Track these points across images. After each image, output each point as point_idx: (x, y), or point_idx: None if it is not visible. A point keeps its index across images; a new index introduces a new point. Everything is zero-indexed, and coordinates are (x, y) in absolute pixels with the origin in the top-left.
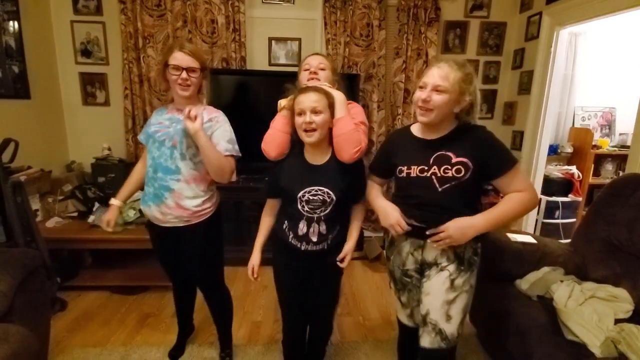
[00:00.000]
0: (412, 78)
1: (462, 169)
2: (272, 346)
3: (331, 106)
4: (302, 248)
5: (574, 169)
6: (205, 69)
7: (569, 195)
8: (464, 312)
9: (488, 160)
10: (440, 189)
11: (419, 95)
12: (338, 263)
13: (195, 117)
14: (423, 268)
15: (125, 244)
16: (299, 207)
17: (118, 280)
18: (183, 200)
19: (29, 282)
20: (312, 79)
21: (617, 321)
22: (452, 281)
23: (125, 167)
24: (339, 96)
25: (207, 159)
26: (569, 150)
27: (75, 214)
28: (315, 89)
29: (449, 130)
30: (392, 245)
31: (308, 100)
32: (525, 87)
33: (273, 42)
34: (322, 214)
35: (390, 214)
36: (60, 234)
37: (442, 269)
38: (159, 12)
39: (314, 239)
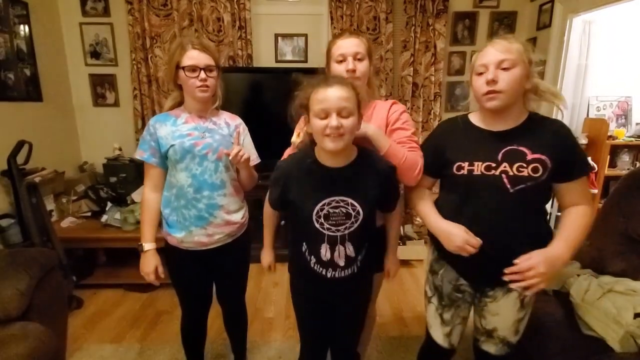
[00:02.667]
0: (420, 71)
1: (540, 168)
2: (285, 343)
3: (359, 103)
4: (329, 275)
5: (589, 160)
6: (219, 66)
7: None
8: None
9: (567, 160)
10: (512, 190)
11: (481, 80)
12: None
13: (234, 151)
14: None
15: (138, 242)
16: (317, 225)
17: (132, 278)
18: (231, 215)
19: (47, 281)
20: (353, 78)
21: (637, 315)
22: (522, 301)
23: (135, 166)
24: (372, 131)
25: (246, 173)
26: (584, 141)
27: (89, 214)
28: (341, 82)
29: (520, 121)
30: (442, 259)
31: (334, 97)
32: (538, 77)
33: (279, 38)
34: (347, 231)
35: (454, 234)
36: (74, 234)
37: (509, 290)
38: (166, 11)
39: (341, 264)
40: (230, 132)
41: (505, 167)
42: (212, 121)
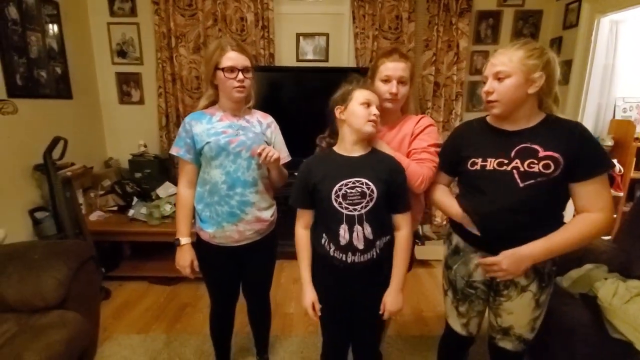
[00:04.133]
0: (442, 71)
1: (552, 165)
2: (306, 338)
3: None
4: (349, 260)
5: (614, 162)
6: (254, 67)
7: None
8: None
9: (581, 157)
10: (522, 185)
11: (484, 88)
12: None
13: (264, 152)
14: (494, 282)
15: (163, 236)
16: (335, 204)
17: (156, 271)
18: (261, 213)
19: (82, 271)
20: (393, 100)
21: None
22: (537, 300)
23: (160, 163)
24: (378, 144)
25: (276, 172)
26: (610, 143)
27: (115, 208)
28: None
29: (535, 123)
30: (456, 255)
31: (374, 98)
32: (564, 77)
33: (301, 37)
34: (363, 210)
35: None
36: (102, 227)
37: (523, 290)
38: (191, 11)
39: (360, 247)
40: (262, 130)
41: (517, 163)
42: (246, 119)
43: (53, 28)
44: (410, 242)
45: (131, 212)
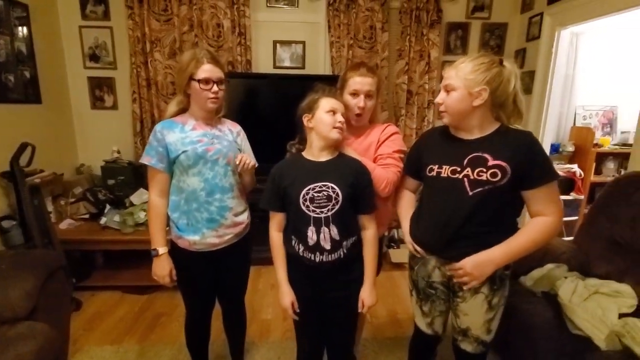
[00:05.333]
0: (414, 79)
1: (499, 173)
2: (283, 344)
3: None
4: (317, 260)
5: (575, 167)
6: (227, 78)
7: (571, 193)
8: (500, 318)
9: (528, 167)
10: (470, 193)
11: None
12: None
13: (242, 160)
14: (451, 283)
15: (137, 244)
16: (303, 208)
17: (130, 280)
18: (238, 217)
19: (51, 282)
20: (359, 115)
21: (621, 316)
22: (490, 302)
23: (133, 169)
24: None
25: (249, 178)
26: (571, 149)
27: (87, 216)
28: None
29: (489, 132)
30: (417, 256)
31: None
32: (527, 86)
33: (277, 45)
34: (329, 212)
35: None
36: (73, 236)
37: (476, 292)
38: (166, 16)
39: (327, 247)
40: (234, 138)
41: (467, 171)
42: (218, 128)
43: (22, 31)
44: (377, 240)
45: (103, 220)
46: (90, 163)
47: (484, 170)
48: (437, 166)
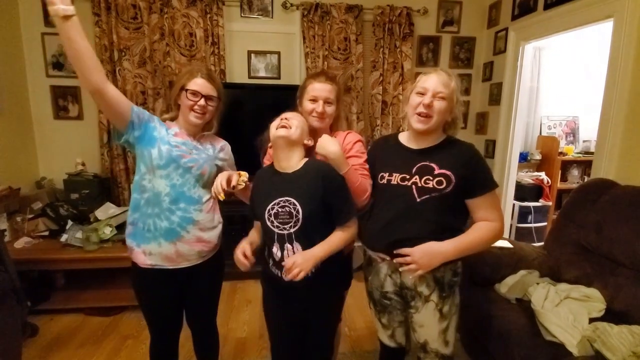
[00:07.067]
0: (389, 90)
1: (444, 181)
2: None
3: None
4: (285, 278)
5: (543, 175)
6: (220, 98)
7: (540, 200)
8: (457, 328)
9: (471, 177)
10: (418, 200)
11: (419, 100)
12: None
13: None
14: (403, 292)
15: (101, 262)
16: (268, 223)
17: (93, 302)
18: (205, 233)
19: None
20: (320, 119)
21: (591, 320)
22: (440, 310)
23: (99, 182)
24: (333, 155)
25: (243, 197)
26: (538, 157)
27: (47, 233)
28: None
29: (437, 142)
30: (370, 266)
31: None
32: (495, 98)
33: (252, 55)
34: (292, 229)
35: None
36: (29, 255)
37: (427, 300)
38: (135, 24)
39: None
40: (215, 154)
41: (416, 179)
42: (199, 142)
43: None
44: (353, 235)
45: (64, 237)
46: (52, 176)
47: (431, 178)
48: (387, 174)
